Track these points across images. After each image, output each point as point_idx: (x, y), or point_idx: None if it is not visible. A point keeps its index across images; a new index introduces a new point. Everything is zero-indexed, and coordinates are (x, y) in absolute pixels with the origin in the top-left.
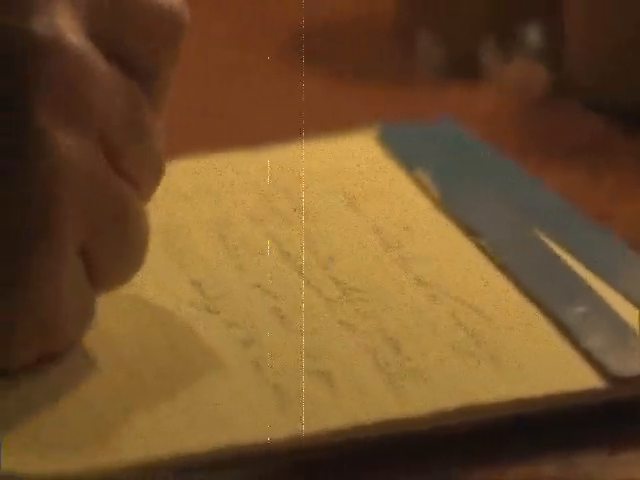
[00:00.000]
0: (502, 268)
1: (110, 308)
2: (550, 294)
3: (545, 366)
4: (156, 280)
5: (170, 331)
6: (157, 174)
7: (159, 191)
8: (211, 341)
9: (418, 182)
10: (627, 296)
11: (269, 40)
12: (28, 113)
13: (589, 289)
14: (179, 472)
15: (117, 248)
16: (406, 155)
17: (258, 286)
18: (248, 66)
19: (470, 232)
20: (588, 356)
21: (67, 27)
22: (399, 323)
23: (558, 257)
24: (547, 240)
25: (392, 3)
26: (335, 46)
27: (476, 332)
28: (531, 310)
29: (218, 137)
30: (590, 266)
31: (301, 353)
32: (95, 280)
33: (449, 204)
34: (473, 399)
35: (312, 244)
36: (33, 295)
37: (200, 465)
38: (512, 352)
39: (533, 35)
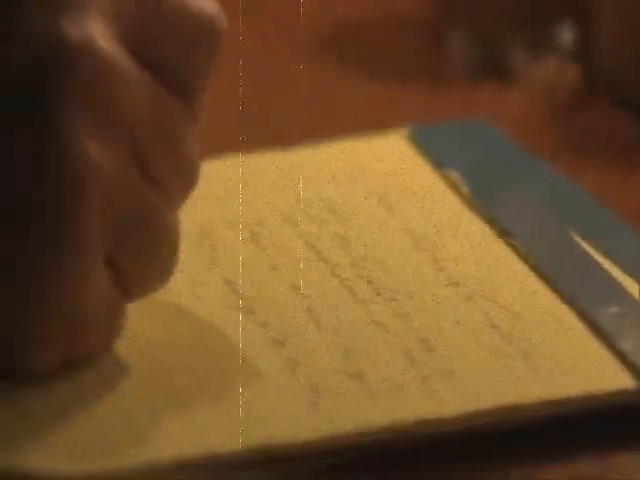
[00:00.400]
0: (534, 268)
1: (142, 309)
2: (583, 295)
3: (579, 367)
4: (189, 280)
5: (203, 331)
6: (190, 182)
7: None
8: (244, 341)
9: (450, 182)
10: None
11: (302, 40)
12: (57, 116)
13: (622, 290)
14: (212, 472)
15: (146, 256)
16: (437, 155)
17: (291, 286)
18: (280, 66)
19: (502, 232)
20: (622, 357)
21: (98, 32)
22: (432, 323)
23: (591, 257)
24: (579, 240)
25: (424, 3)
26: (367, 46)
27: (509, 332)
28: (564, 311)
29: (251, 137)
30: (623, 267)
31: (335, 353)
32: (125, 287)
33: (481, 204)
34: (507, 399)
35: (344, 244)
36: (57, 295)
37: (233, 465)
38: (546, 353)
39: (564, 34)
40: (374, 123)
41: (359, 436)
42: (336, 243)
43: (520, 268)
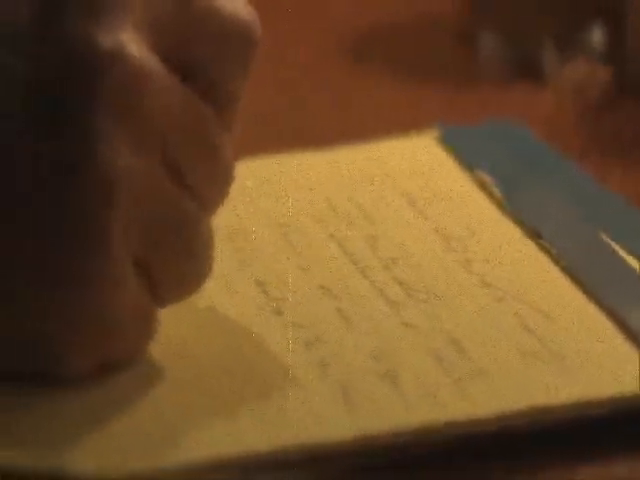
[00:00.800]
0: (566, 270)
1: (174, 311)
2: (615, 296)
3: (610, 368)
4: (220, 280)
5: (235, 332)
6: (223, 188)
7: None
8: (275, 342)
9: (480, 183)
10: None
11: (332, 42)
12: (87, 121)
13: None
14: (246, 472)
15: (179, 262)
16: (467, 156)
17: (322, 287)
18: (310, 68)
19: (533, 233)
20: None
21: (129, 38)
22: (463, 324)
23: (622, 259)
24: (610, 242)
25: (455, 4)
26: (398, 47)
27: (541, 334)
28: (595, 312)
29: (281, 138)
30: None
31: (365, 354)
32: (157, 293)
33: (511, 205)
34: (539, 401)
35: (375, 245)
36: (87, 301)
37: (266, 465)
38: (577, 354)
39: (594, 36)
40: (404, 124)
41: (391, 437)
42: (366, 244)
43: (551, 269)
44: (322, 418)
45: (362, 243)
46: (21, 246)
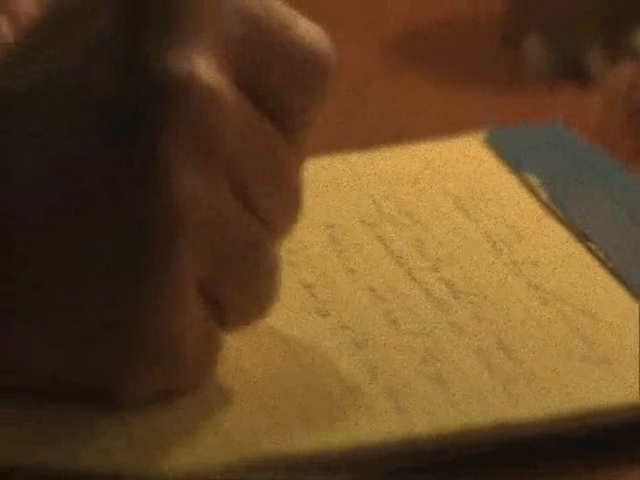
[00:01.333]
0: (614, 272)
1: None
2: None
3: None
4: None
5: (285, 337)
6: (292, 214)
7: None
8: (324, 344)
9: (527, 185)
10: None
11: (375, 43)
12: (155, 148)
13: None
14: (295, 472)
15: (245, 288)
16: (514, 158)
17: (369, 289)
18: (354, 70)
19: (580, 235)
20: None
21: (203, 64)
22: (511, 326)
23: None
24: None
25: (501, 6)
26: (444, 49)
27: (589, 336)
28: None
29: (326, 141)
30: None
31: (413, 356)
32: (223, 320)
33: (558, 207)
34: (588, 403)
35: (421, 247)
36: (151, 329)
37: (315, 466)
38: (625, 357)
39: None
40: (450, 126)
41: (439, 438)
42: (413, 246)
43: (598, 272)
44: (371, 419)
45: (409, 245)
46: (87, 271)
